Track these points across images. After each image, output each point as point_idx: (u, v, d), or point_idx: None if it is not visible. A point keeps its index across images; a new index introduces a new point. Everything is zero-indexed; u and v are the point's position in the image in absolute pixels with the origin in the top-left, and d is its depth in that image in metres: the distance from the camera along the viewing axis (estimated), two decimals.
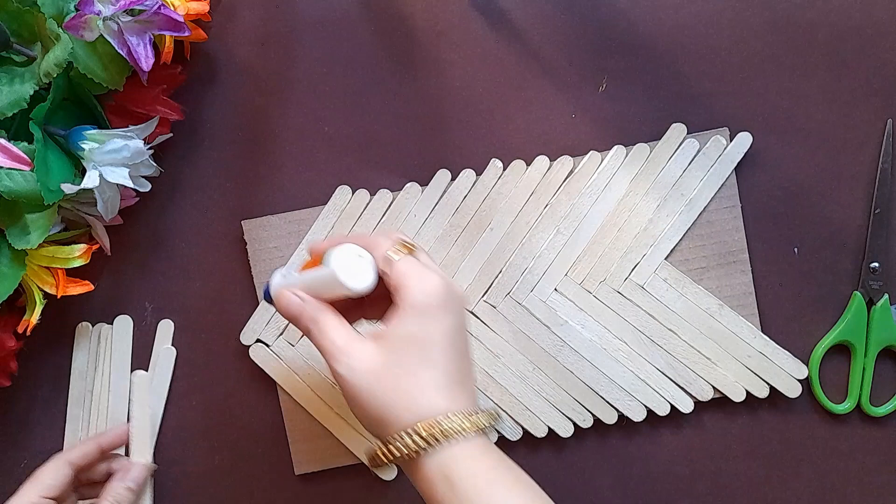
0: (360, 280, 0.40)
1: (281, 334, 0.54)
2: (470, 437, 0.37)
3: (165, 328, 0.55)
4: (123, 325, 0.55)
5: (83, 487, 0.51)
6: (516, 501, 0.36)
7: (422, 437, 0.36)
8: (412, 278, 0.38)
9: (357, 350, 0.38)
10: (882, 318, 0.52)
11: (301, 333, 0.53)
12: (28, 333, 0.50)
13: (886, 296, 0.52)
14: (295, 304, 0.41)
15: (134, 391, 0.53)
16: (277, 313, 0.53)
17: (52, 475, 0.48)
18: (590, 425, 0.53)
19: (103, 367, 0.55)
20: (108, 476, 0.51)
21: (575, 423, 0.53)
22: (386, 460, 0.37)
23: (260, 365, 0.54)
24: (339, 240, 0.42)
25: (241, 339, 0.54)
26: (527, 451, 0.54)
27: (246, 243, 0.54)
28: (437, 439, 0.36)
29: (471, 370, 0.40)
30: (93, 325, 0.55)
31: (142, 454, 0.53)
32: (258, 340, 0.54)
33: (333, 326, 0.39)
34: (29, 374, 0.55)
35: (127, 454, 0.53)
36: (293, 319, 0.41)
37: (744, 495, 0.53)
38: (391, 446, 0.37)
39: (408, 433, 0.36)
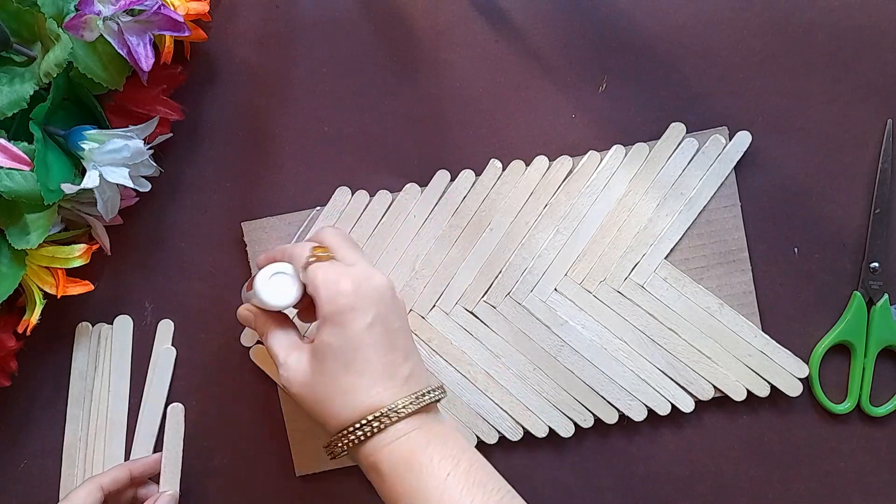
0: (282, 297, 0.43)
1: None
2: (393, 427, 0.40)
3: (165, 328, 0.55)
4: (123, 325, 0.55)
5: None
6: (436, 482, 0.38)
7: (347, 439, 0.40)
8: (320, 288, 0.41)
9: (293, 362, 0.42)
10: (882, 318, 0.52)
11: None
12: (28, 333, 0.50)
13: (886, 296, 0.52)
14: (247, 319, 0.46)
15: (169, 422, 0.53)
16: None
17: (83, 498, 0.48)
18: (590, 425, 0.53)
19: (103, 367, 0.55)
20: (135, 502, 0.52)
21: (576, 423, 0.53)
22: (329, 453, 0.42)
23: (260, 366, 0.54)
24: (270, 255, 0.45)
25: (241, 340, 0.54)
26: (527, 450, 0.53)
27: (246, 244, 0.54)
28: (359, 438, 0.40)
29: (402, 357, 0.41)
30: (93, 325, 0.55)
31: (170, 484, 0.52)
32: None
33: (274, 338, 0.44)
34: (29, 374, 0.55)
35: (155, 482, 0.53)
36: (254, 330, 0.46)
37: (744, 495, 0.53)
38: (329, 448, 0.41)
39: (337, 436, 0.41)
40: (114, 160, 0.47)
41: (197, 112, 0.55)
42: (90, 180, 0.46)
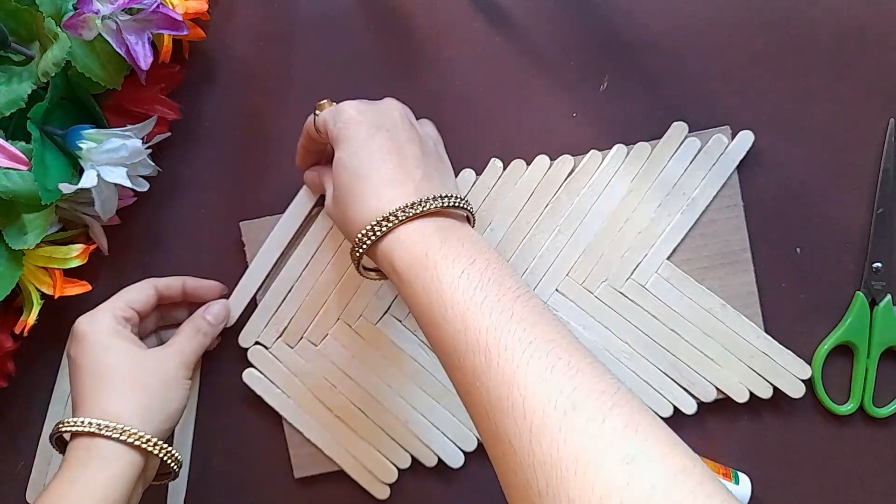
0: None
1: (279, 336, 0.54)
2: (405, 228, 0.41)
3: None
4: None
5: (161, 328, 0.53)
6: (449, 279, 0.38)
7: (361, 242, 0.42)
8: (328, 120, 0.45)
9: (327, 191, 0.47)
10: (885, 319, 0.52)
11: (299, 337, 0.54)
12: (25, 334, 0.50)
13: (889, 296, 0.52)
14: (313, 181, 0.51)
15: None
16: (276, 316, 0.53)
17: (137, 290, 0.49)
18: None
19: None
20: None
21: None
22: (354, 263, 0.44)
23: (259, 367, 0.54)
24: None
25: (239, 341, 0.54)
26: None
27: (245, 244, 0.54)
28: (370, 238, 0.42)
29: (412, 164, 0.43)
30: None
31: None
32: (257, 343, 0.54)
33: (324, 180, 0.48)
34: (26, 375, 0.55)
35: None
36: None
37: None
38: (351, 255, 0.44)
39: (354, 243, 0.43)
40: (112, 160, 0.46)
41: (195, 111, 0.54)
42: (88, 180, 0.45)
